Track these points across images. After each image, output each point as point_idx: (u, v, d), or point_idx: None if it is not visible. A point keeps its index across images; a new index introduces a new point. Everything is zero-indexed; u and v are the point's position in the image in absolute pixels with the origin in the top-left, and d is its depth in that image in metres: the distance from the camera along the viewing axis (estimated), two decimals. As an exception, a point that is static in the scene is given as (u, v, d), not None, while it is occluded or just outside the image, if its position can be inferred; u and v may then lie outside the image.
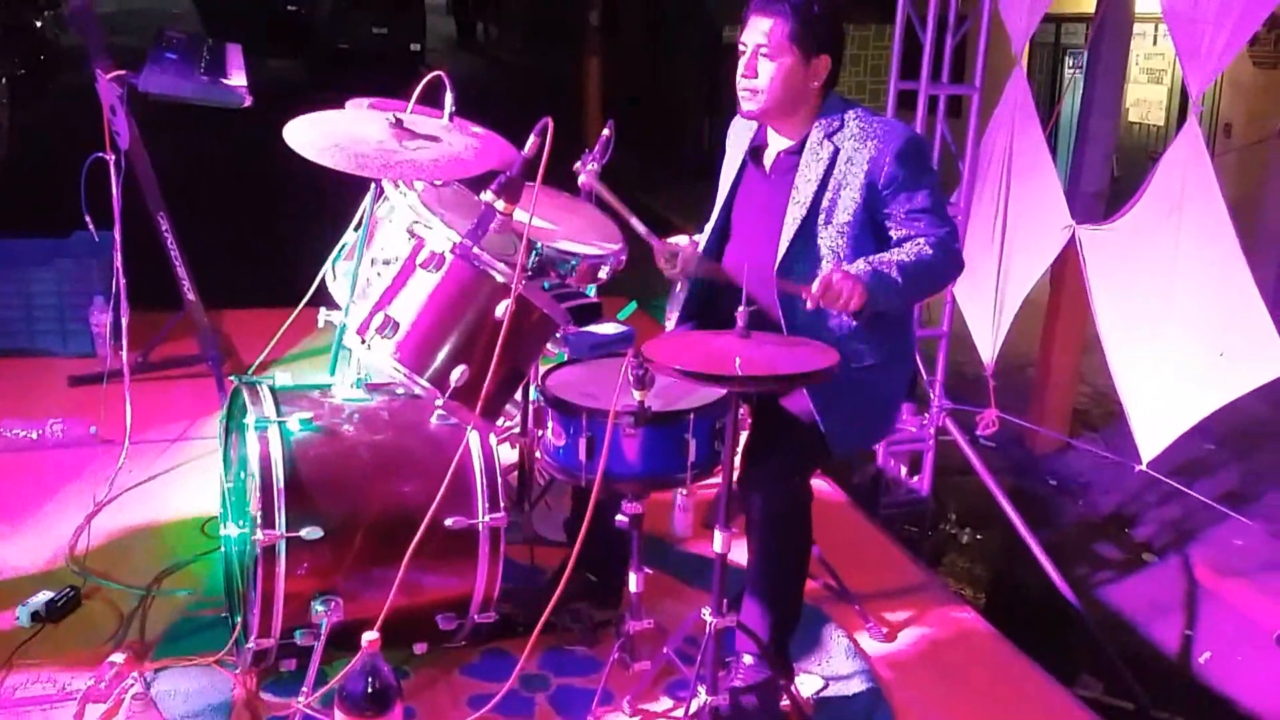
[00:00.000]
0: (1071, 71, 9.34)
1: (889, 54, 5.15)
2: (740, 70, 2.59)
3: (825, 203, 2.59)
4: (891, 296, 2.46)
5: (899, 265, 2.48)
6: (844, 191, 2.58)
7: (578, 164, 3.01)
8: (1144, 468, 4.19)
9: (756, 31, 2.56)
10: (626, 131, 3.20)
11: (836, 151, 2.59)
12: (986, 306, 4.88)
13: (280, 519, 2.53)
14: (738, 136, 2.84)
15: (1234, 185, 6.85)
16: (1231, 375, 3.76)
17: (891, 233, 2.59)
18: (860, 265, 2.47)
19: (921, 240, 2.54)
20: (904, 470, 5.35)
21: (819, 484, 3.78)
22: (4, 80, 10.39)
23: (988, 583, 5.62)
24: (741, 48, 2.60)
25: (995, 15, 4.69)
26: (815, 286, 2.36)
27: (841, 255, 2.58)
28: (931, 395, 5.12)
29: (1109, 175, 5.91)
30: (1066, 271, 5.40)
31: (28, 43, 14.71)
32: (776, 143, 2.71)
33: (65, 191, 3.85)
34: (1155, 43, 8.73)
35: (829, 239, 2.60)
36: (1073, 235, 4.43)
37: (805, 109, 2.62)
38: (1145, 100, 9.07)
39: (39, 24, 15.55)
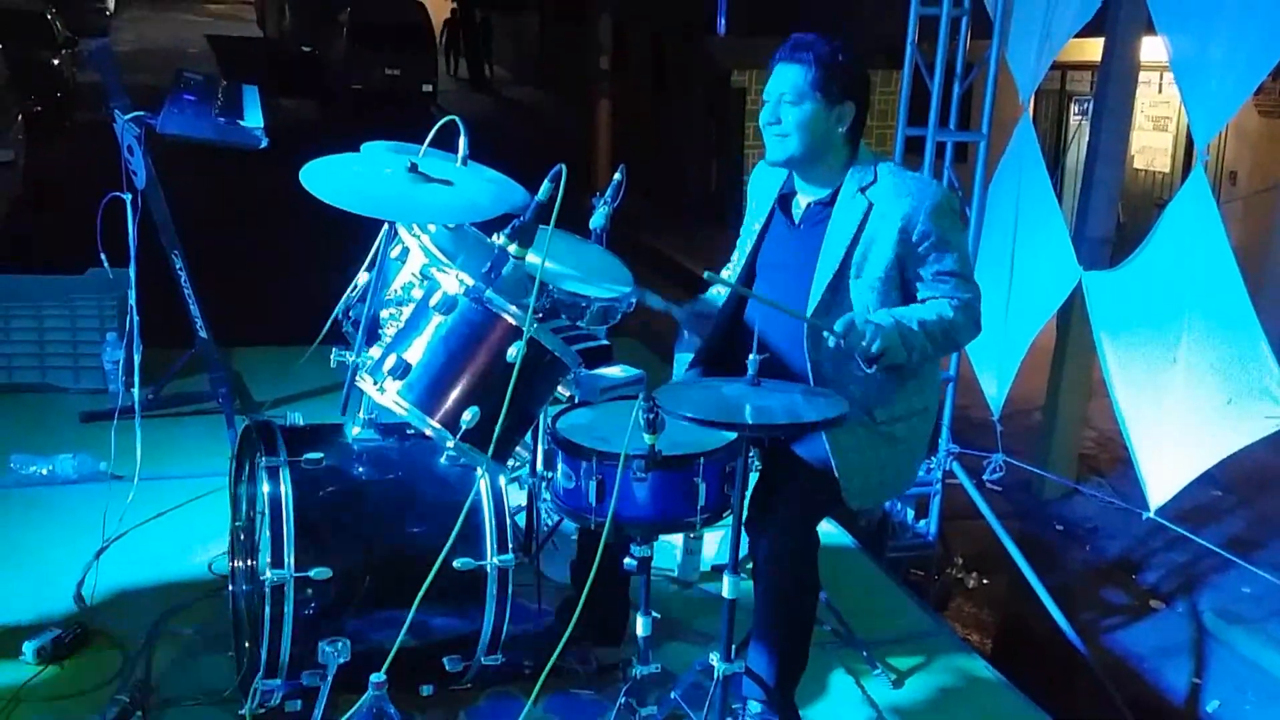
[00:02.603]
0: (1077, 118, 9.41)
1: (895, 99, 5.20)
2: (766, 119, 2.63)
3: (858, 257, 2.61)
4: (910, 350, 2.50)
5: (921, 321, 2.52)
6: (876, 246, 2.60)
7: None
8: (1151, 515, 4.18)
9: (781, 80, 2.60)
10: (634, 173, 3.24)
11: (870, 206, 2.61)
12: (994, 352, 4.90)
13: (289, 559, 2.54)
14: (762, 184, 2.87)
15: (1239, 233, 6.89)
16: (1240, 424, 3.76)
17: (918, 292, 2.63)
18: (883, 316, 2.51)
19: (946, 301, 2.58)
20: (910, 514, 5.35)
21: (826, 528, 3.78)
22: (20, 118, 10.50)
23: (994, 627, 5.60)
24: (765, 99, 2.64)
25: (1002, 63, 4.75)
26: (840, 325, 2.40)
27: (870, 309, 2.61)
28: (939, 439, 5.13)
29: (1114, 222, 5.94)
30: (1073, 316, 5.43)
31: (45, 80, 14.88)
32: (807, 193, 2.73)
33: (81, 229, 3.90)
34: (1160, 90, 8.81)
35: (860, 293, 2.62)
36: (1079, 282, 4.46)
37: (834, 158, 2.65)
38: (1150, 148, 9.14)
39: (56, 62, 15.74)
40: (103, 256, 3.92)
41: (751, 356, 2.27)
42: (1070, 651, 4.78)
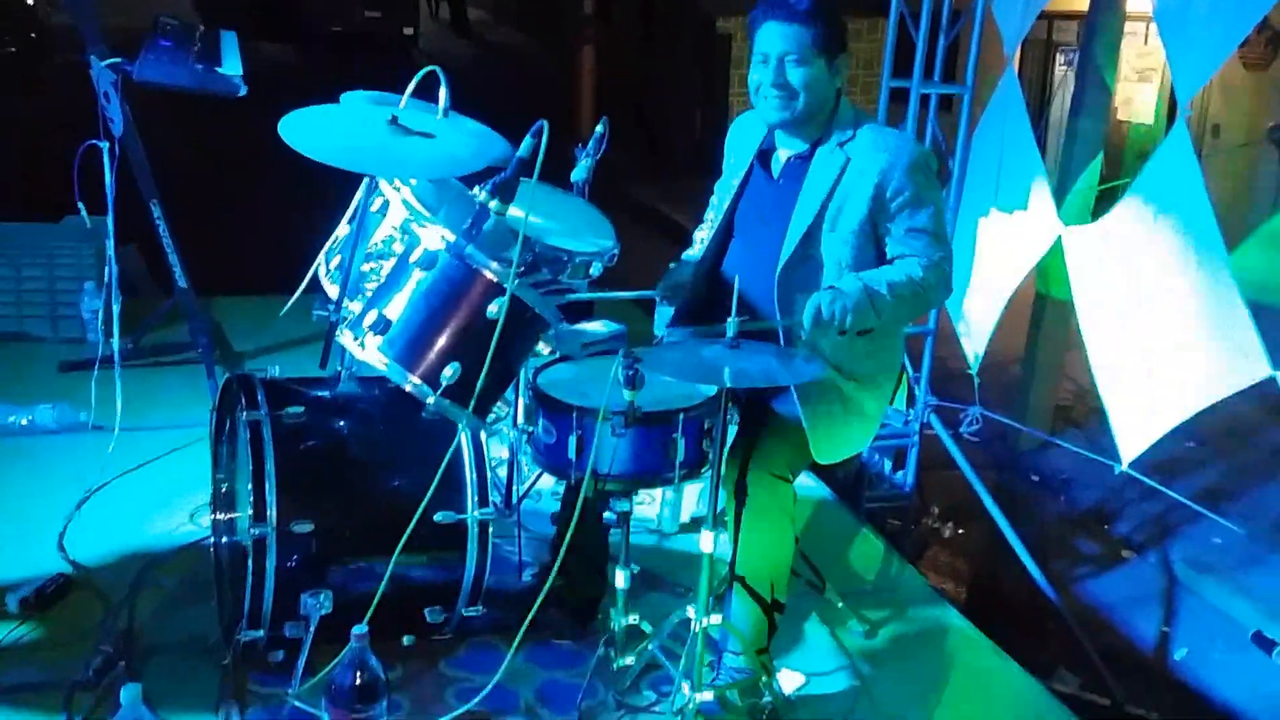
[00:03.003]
0: (1063, 68, 9.38)
1: (880, 47, 5.17)
2: (769, 79, 2.58)
3: (832, 210, 2.62)
4: (880, 315, 2.52)
5: (890, 284, 2.54)
6: (851, 200, 2.61)
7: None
8: (1124, 469, 4.24)
9: (781, 40, 2.57)
10: (618, 122, 3.23)
11: (848, 160, 2.62)
12: (973, 304, 4.92)
13: (271, 512, 2.55)
14: (741, 139, 2.86)
15: (1222, 186, 6.91)
16: (1213, 378, 3.80)
17: (888, 249, 2.64)
18: (852, 282, 2.52)
19: (915, 260, 2.59)
20: (888, 465, 5.40)
21: (803, 480, 3.82)
22: (-7, 58, 10.31)
23: (969, 577, 5.68)
24: (762, 57, 2.59)
25: (988, 15, 4.72)
26: (807, 318, 2.43)
27: (843, 263, 2.62)
28: (916, 391, 5.16)
29: (1098, 174, 5.95)
30: (1052, 271, 5.45)
31: (18, 22, 14.60)
32: (787, 147, 2.73)
33: (57, 174, 3.85)
34: (1146, 42, 8.77)
35: (833, 246, 2.63)
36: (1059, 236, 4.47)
37: (824, 114, 2.66)
38: (1135, 99, 9.12)
39: (30, 1, 15.42)
40: (80, 206, 3.88)
41: (730, 319, 2.28)
42: (1043, 600, 4.86)
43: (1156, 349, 3.99)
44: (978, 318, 4.97)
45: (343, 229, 3.00)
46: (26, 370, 4.55)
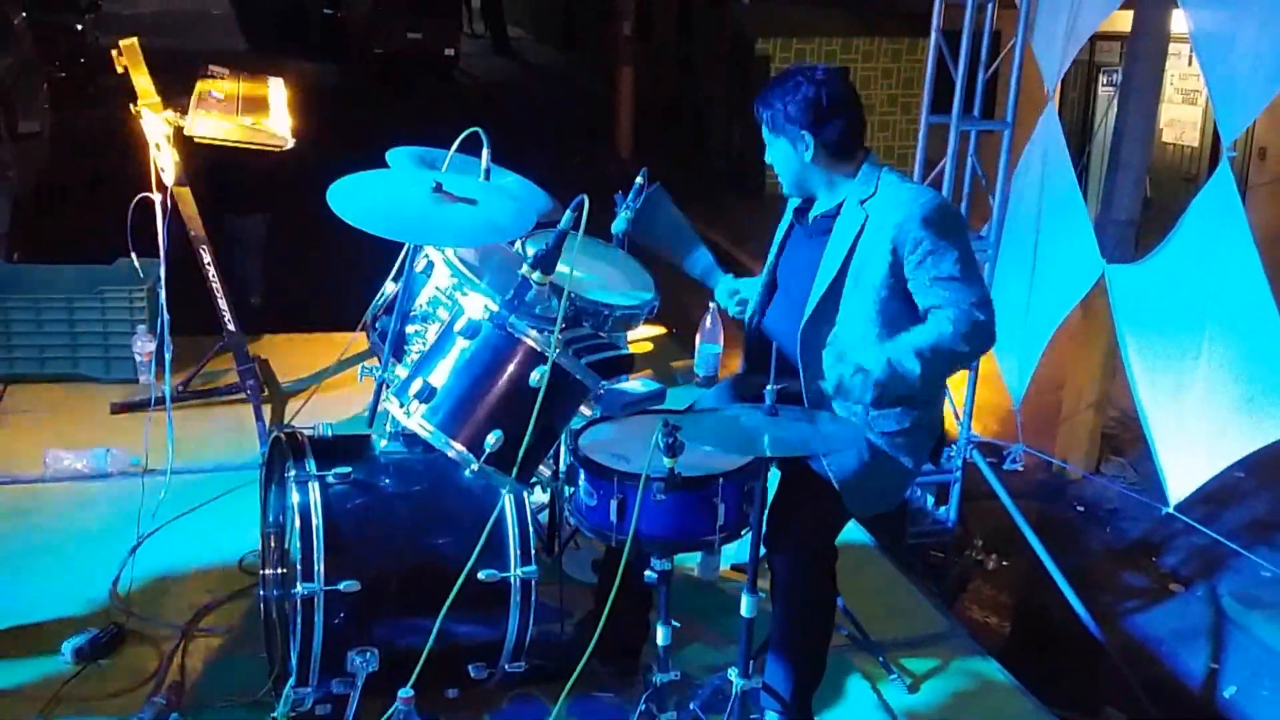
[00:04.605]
0: (1106, 90, 9.29)
1: (920, 67, 5.17)
2: None
3: (855, 267, 2.65)
4: (908, 385, 2.54)
5: (917, 351, 2.54)
6: (871, 258, 2.63)
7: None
8: (1171, 510, 4.20)
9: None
10: (657, 141, 3.28)
11: (867, 218, 2.64)
12: (1014, 342, 4.90)
13: (319, 572, 2.60)
14: (794, 199, 2.92)
15: (1271, 214, 6.81)
16: (1260, 423, 3.77)
17: (919, 302, 2.64)
18: (875, 359, 2.54)
19: (945, 315, 2.58)
20: (930, 501, 5.39)
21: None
22: (46, 86, 10.49)
23: (1012, 610, 5.64)
24: None
25: (1028, 50, 4.71)
26: (829, 386, 2.48)
27: (870, 319, 2.63)
28: (959, 427, 5.15)
29: (1141, 202, 5.90)
30: (1096, 300, 5.41)
31: (69, 46, 14.88)
32: (818, 206, 2.78)
33: (108, 202, 3.92)
34: (1190, 63, 8.66)
35: (857, 303, 2.65)
36: (1101, 274, 4.45)
37: (822, 181, 2.71)
38: (1179, 121, 9.02)
39: (79, 26, 15.72)
40: (133, 255, 3.98)
41: (768, 387, 2.30)
42: (1088, 634, 4.82)
43: (1203, 391, 3.96)
44: (1020, 354, 4.95)
45: (389, 287, 3.05)
46: (82, 412, 4.64)
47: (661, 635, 2.72)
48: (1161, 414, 4.18)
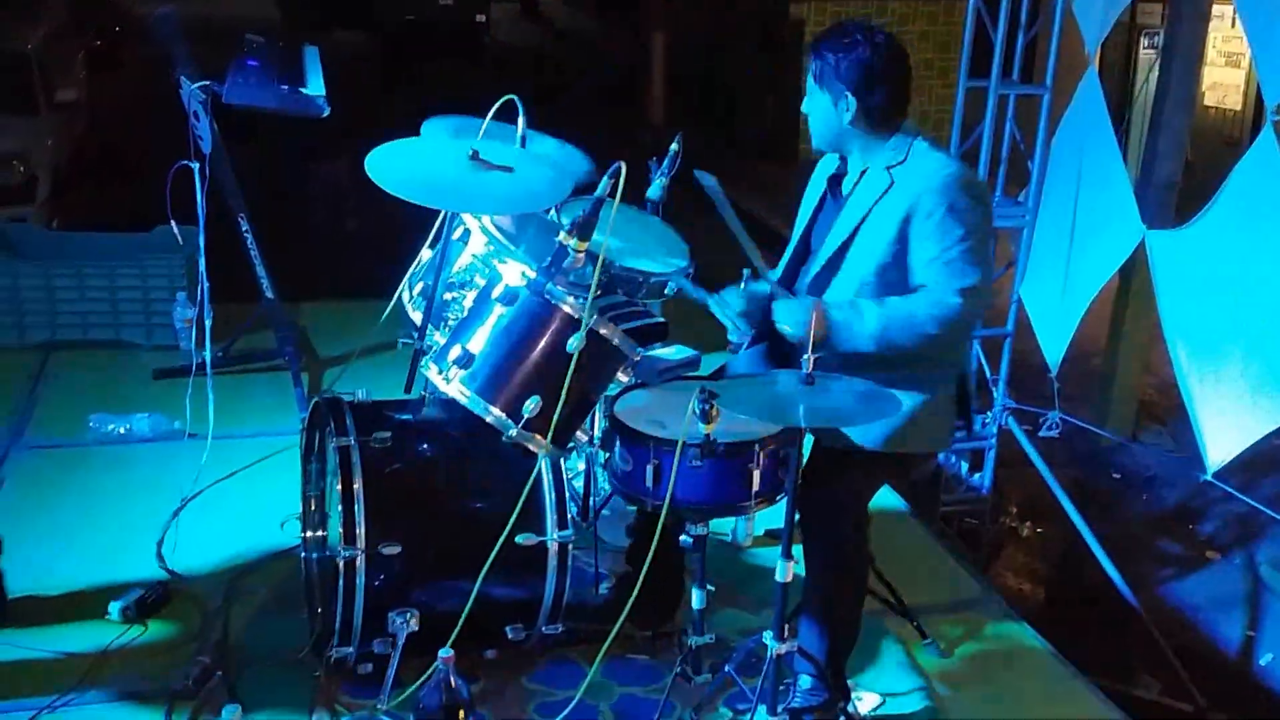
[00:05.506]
0: (1148, 52, 9.13)
1: (957, 30, 5.11)
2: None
3: (865, 229, 2.64)
4: (859, 342, 2.51)
5: (880, 315, 2.52)
6: (884, 220, 2.61)
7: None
8: (1209, 478, 4.17)
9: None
10: (689, 107, 3.27)
11: (891, 184, 2.63)
12: (1052, 308, 4.86)
13: (360, 535, 2.65)
14: (823, 166, 2.91)
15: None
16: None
17: (911, 278, 2.60)
18: (842, 305, 2.54)
19: (927, 295, 2.55)
20: (965, 467, 5.37)
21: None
22: (82, 54, 10.54)
23: (1047, 577, 5.62)
24: None
25: (1068, 11, 4.63)
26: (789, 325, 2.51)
27: (864, 281, 2.63)
28: (994, 393, 5.12)
29: (1182, 166, 5.80)
30: (1136, 265, 5.35)
31: (104, 14, 14.94)
32: (850, 171, 2.77)
33: (145, 169, 3.94)
34: (1234, 25, 8.50)
35: (858, 263, 2.64)
36: (1141, 240, 4.39)
37: (857, 144, 2.68)
38: (1222, 84, 8.85)
39: (114, -4, 15.77)
40: (172, 223, 4.03)
41: (805, 355, 2.30)
42: (1123, 602, 4.80)
43: (1243, 359, 3.92)
44: (1058, 320, 4.91)
45: (425, 254, 3.07)
46: (123, 377, 4.73)
47: (696, 599, 2.76)
48: (1201, 380, 4.14)
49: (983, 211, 2.62)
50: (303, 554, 3.17)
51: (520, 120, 2.83)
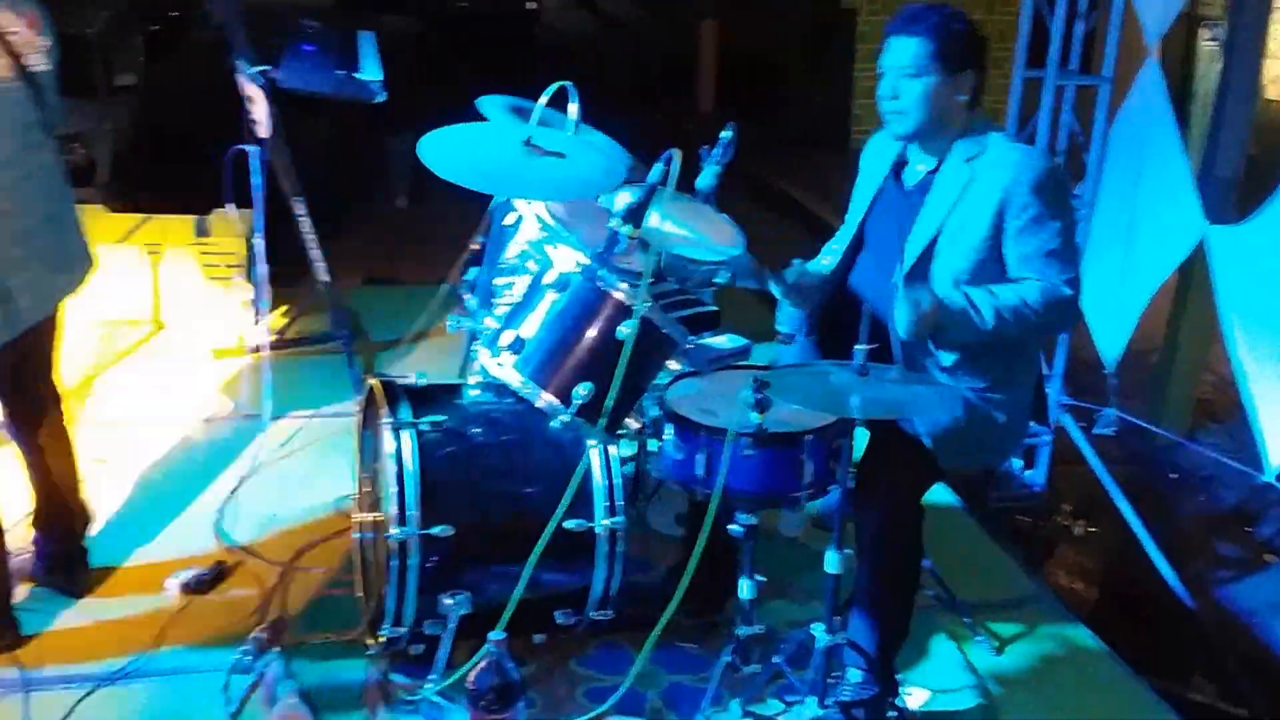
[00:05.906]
0: (1208, 44, 8.94)
1: (1012, 19, 5.03)
2: (884, 93, 2.63)
3: (953, 226, 2.61)
4: (971, 333, 2.51)
5: (994, 306, 2.51)
6: (973, 217, 2.59)
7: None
8: (1269, 479, 4.09)
9: (898, 53, 2.59)
10: (739, 95, 3.25)
11: (973, 177, 2.59)
12: (1110, 305, 4.78)
13: (413, 517, 2.67)
14: (874, 155, 2.88)
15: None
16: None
17: (1009, 270, 2.60)
18: (953, 296, 2.51)
19: (1037, 287, 2.54)
20: (1018, 464, 5.30)
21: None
22: (141, 38, 10.68)
23: (1100, 577, 5.54)
24: (882, 72, 2.62)
25: (1128, 1, 4.54)
26: (900, 319, 2.48)
27: (960, 280, 2.60)
28: (1049, 389, 5.05)
29: (1244, 161, 5.68)
30: (1194, 260, 5.24)
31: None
32: (919, 161, 2.73)
33: (203, 151, 4.02)
34: (1302, 15, 8.28)
35: (951, 262, 2.61)
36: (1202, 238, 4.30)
37: (951, 128, 2.64)
38: (1289, 75, 8.63)
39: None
40: (230, 206, 4.09)
41: (858, 346, 2.29)
42: (1178, 604, 4.72)
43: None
44: (1115, 317, 4.83)
45: (477, 239, 3.09)
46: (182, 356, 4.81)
47: (746, 589, 2.75)
48: (1262, 379, 4.05)
49: (1071, 203, 2.67)
50: (356, 534, 3.21)
51: (572, 106, 2.82)
